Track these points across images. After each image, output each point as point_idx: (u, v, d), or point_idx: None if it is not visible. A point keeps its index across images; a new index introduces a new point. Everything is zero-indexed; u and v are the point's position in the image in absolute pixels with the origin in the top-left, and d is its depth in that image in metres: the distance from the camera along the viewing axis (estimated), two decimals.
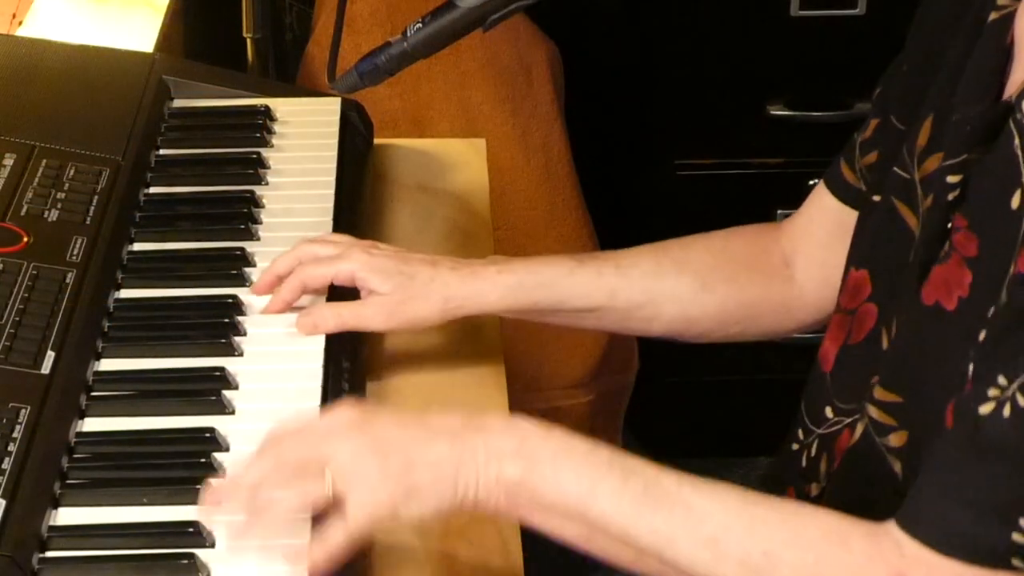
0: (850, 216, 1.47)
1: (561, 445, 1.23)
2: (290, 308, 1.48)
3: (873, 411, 1.31)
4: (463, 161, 1.85)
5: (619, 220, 2.60)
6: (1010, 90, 1.25)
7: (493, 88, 2.44)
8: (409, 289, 1.46)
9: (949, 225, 1.26)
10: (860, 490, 1.33)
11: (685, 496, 1.20)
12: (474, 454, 1.20)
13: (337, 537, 1.19)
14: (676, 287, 1.52)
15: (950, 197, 1.27)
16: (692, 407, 2.87)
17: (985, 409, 1.15)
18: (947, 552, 1.16)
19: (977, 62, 1.28)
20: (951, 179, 1.27)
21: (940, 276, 1.26)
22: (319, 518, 1.22)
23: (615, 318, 1.53)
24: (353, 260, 1.47)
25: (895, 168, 1.36)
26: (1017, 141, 1.20)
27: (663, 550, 1.20)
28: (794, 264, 1.55)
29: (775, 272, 1.55)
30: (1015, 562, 1.15)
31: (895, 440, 1.29)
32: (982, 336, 1.19)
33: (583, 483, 1.20)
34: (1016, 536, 1.14)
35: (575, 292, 1.51)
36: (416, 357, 1.55)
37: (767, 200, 2.56)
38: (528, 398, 2.45)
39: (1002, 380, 1.14)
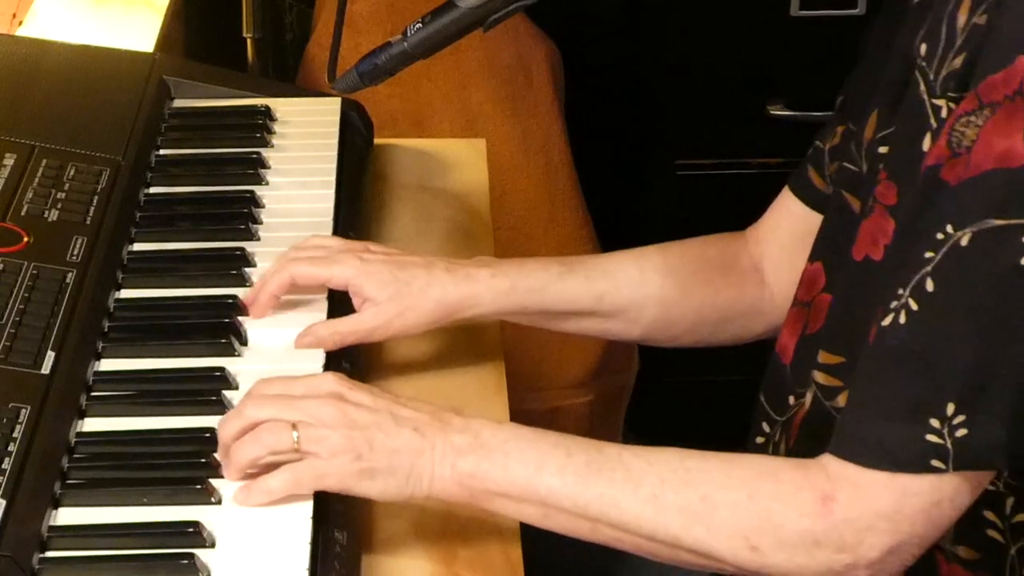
0: (817, 221, 1.50)
1: (510, 434, 1.29)
2: (277, 304, 1.47)
3: (819, 376, 1.36)
4: (463, 161, 1.85)
5: (619, 220, 2.60)
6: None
7: (493, 88, 2.44)
8: (406, 297, 1.46)
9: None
10: (816, 455, 1.35)
11: (624, 460, 1.27)
12: (432, 449, 1.26)
13: (280, 481, 1.25)
14: (658, 292, 1.55)
15: (880, 165, 1.30)
16: (692, 407, 2.87)
17: (886, 321, 1.20)
18: (869, 464, 1.20)
19: (901, 40, 1.32)
20: (881, 150, 1.31)
21: (866, 230, 1.30)
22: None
23: (598, 322, 1.56)
24: (347, 265, 1.47)
25: (844, 163, 1.40)
26: (922, 86, 1.25)
27: (611, 514, 1.26)
28: (763, 268, 1.58)
29: (747, 276, 1.58)
30: (934, 463, 1.19)
31: (843, 400, 1.32)
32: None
33: (530, 465, 1.27)
34: (930, 436, 1.18)
35: (564, 296, 1.52)
36: (416, 357, 1.55)
37: (767, 200, 2.54)
38: (528, 398, 2.45)
39: (900, 291, 1.19)
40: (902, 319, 1.19)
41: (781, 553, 1.23)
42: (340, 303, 1.49)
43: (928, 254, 1.18)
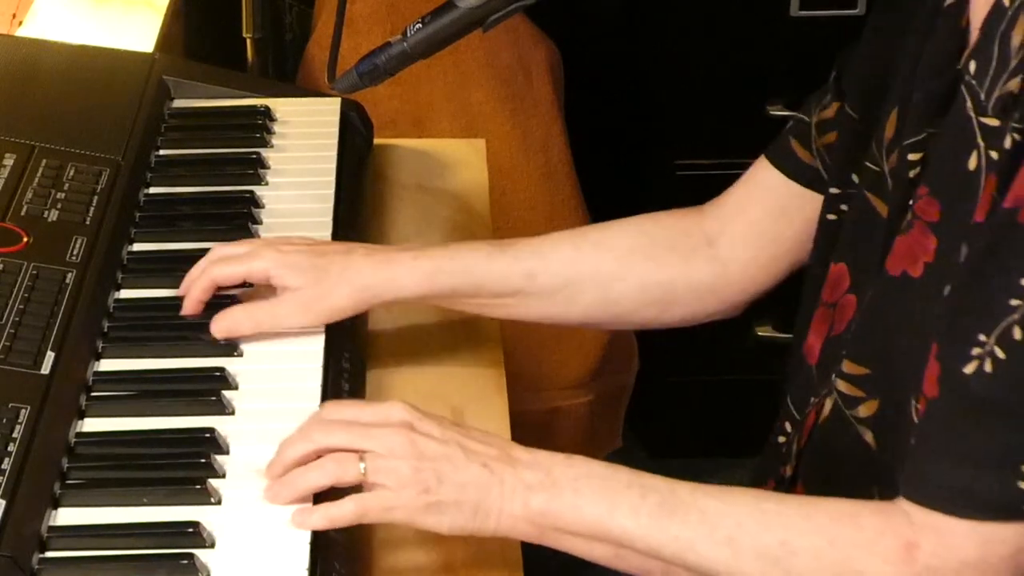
0: (796, 193, 1.49)
1: (581, 471, 1.27)
2: (203, 306, 1.47)
3: (842, 385, 1.34)
4: (463, 161, 1.85)
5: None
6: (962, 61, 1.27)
7: (493, 88, 2.44)
8: (323, 282, 1.45)
9: (911, 202, 1.28)
10: (832, 463, 1.36)
11: (699, 502, 1.25)
12: (501, 485, 1.25)
13: (346, 511, 1.23)
14: (594, 268, 1.53)
15: (912, 174, 1.29)
16: (692, 407, 2.87)
17: (969, 368, 1.18)
18: (955, 512, 1.19)
19: (935, 45, 1.31)
20: (912, 157, 1.30)
21: (904, 245, 1.28)
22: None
23: (534, 303, 1.52)
24: (265, 258, 1.46)
25: (866, 162, 1.39)
26: (969, 103, 1.23)
27: (685, 556, 1.24)
28: (718, 243, 1.55)
29: (696, 252, 1.55)
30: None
31: (864, 410, 1.32)
32: (947, 290, 1.22)
33: (603, 505, 1.25)
34: (1021, 483, 1.16)
35: (493, 277, 1.50)
36: (416, 357, 1.55)
37: None
38: (528, 398, 2.45)
39: (982, 337, 1.17)
40: (988, 367, 1.17)
41: None
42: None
43: (1014, 302, 1.16)
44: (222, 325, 1.44)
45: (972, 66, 1.23)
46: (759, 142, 2.66)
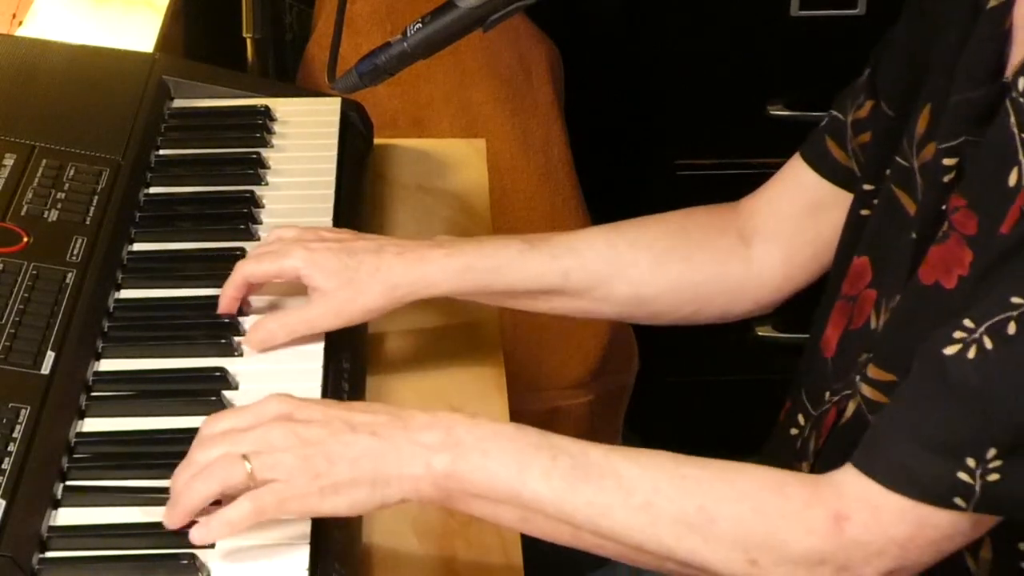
0: (830, 193, 1.48)
1: (488, 431, 1.23)
2: (239, 305, 1.46)
3: (866, 390, 1.33)
4: (463, 161, 1.85)
5: (619, 220, 2.60)
6: (1009, 73, 1.26)
7: (493, 88, 2.44)
8: (355, 283, 1.44)
9: (944, 207, 1.27)
10: None
11: (614, 465, 1.22)
12: (397, 450, 1.21)
13: (242, 511, 1.20)
14: (630, 266, 1.51)
15: (946, 179, 1.28)
16: (692, 407, 2.87)
17: (950, 350, 1.17)
18: (894, 487, 1.18)
19: (975, 47, 1.30)
20: (947, 161, 1.28)
21: (938, 256, 1.27)
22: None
23: (568, 300, 1.51)
24: (295, 257, 1.45)
25: (896, 157, 1.38)
26: (1013, 119, 1.22)
27: (599, 522, 1.22)
28: (752, 243, 1.54)
29: (731, 251, 1.54)
30: (957, 500, 1.17)
31: None
32: None
33: (512, 467, 1.22)
34: (961, 475, 1.17)
35: (527, 274, 1.49)
36: (416, 357, 1.55)
37: None
38: (528, 398, 2.45)
39: (968, 323, 1.17)
40: (971, 353, 1.16)
41: (781, 568, 1.20)
42: None
43: (1016, 300, 1.15)
44: (257, 338, 1.42)
45: (1021, 83, 1.22)
46: (759, 142, 2.66)
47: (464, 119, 2.43)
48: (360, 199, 1.72)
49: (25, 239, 1.47)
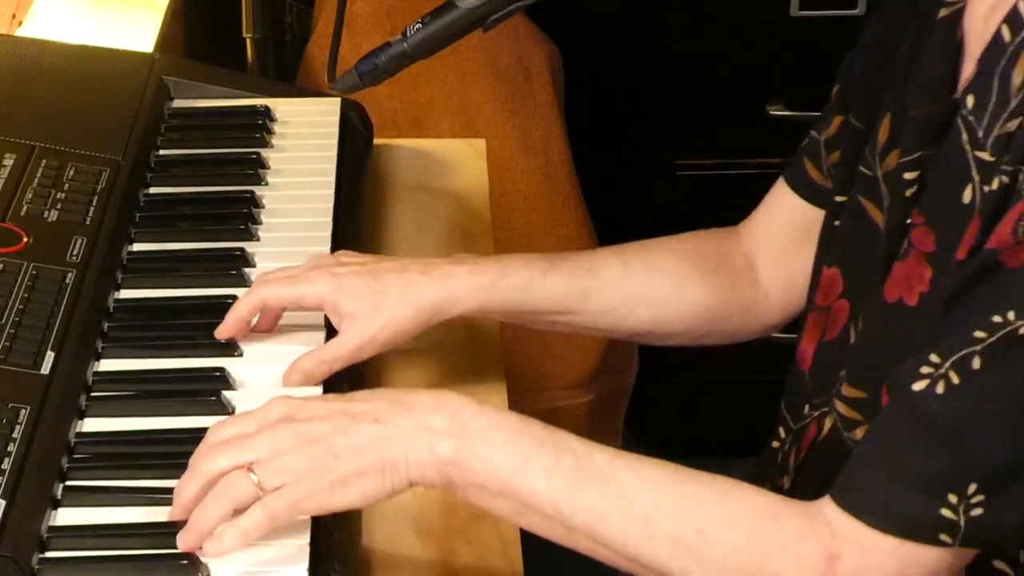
0: (814, 215, 1.48)
1: (493, 420, 1.22)
2: (248, 329, 1.42)
3: (841, 407, 1.33)
4: (463, 161, 1.85)
5: (619, 220, 2.61)
6: (961, 86, 1.26)
7: (493, 88, 2.44)
8: (384, 308, 1.41)
9: (908, 221, 1.28)
10: (828, 481, 1.34)
11: (617, 473, 1.21)
12: (401, 435, 1.20)
13: (256, 519, 1.19)
14: (648, 290, 1.52)
15: (908, 193, 1.29)
16: (692, 407, 2.87)
17: (918, 386, 1.17)
18: (880, 527, 1.18)
19: (928, 59, 1.30)
20: (908, 175, 1.29)
21: (901, 273, 1.27)
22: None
23: (585, 320, 1.51)
24: (319, 283, 1.41)
25: (860, 167, 1.38)
26: (965, 136, 1.22)
27: (595, 528, 1.21)
28: (756, 267, 1.55)
29: (740, 275, 1.55)
30: (943, 536, 1.17)
31: (861, 434, 1.31)
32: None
33: (515, 460, 1.21)
34: (944, 511, 1.16)
35: (548, 295, 1.48)
36: (416, 357, 1.55)
37: None
38: (528, 398, 2.45)
39: (935, 358, 1.16)
40: (939, 389, 1.15)
41: None
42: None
43: (979, 334, 1.14)
44: (294, 379, 1.38)
45: (970, 100, 1.22)
46: (759, 142, 2.67)
47: (464, 119, 2.43)
48: (360, 199, 1.72)
49: (25, 239, 1.47)
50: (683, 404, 2.86)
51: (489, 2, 1.40)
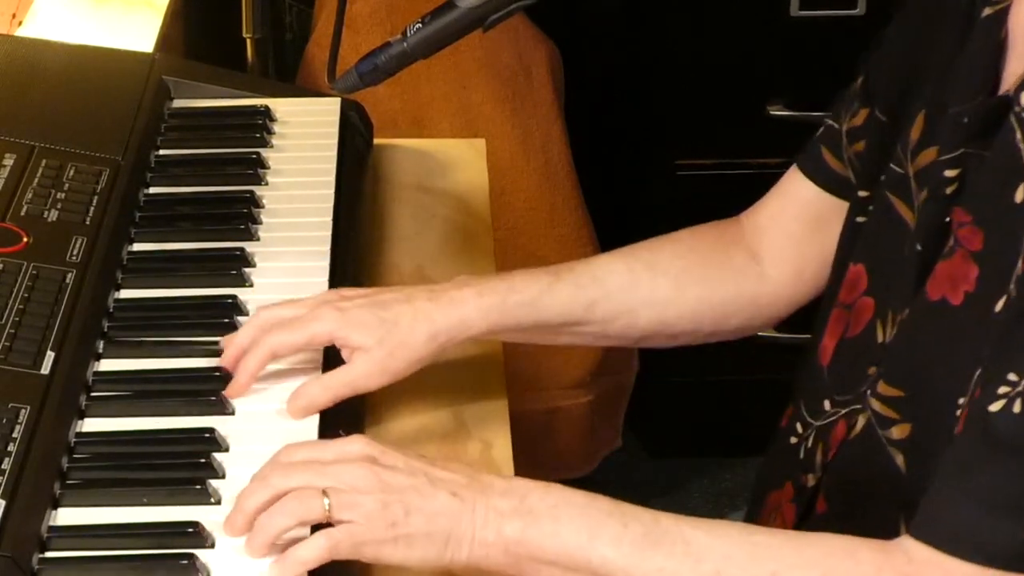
0: (829, 204, 1.48)
1: (560, 499, 1.23)
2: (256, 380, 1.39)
3: (876, 405, 1.32)
4: (463, 161, 1.85)
5: (619, 220, 2.61)
6: (1007, 84, 1.26)
7: (493, 88, 2.44)
8: (395, 336, 1.39)
9: (948, 219, 1.27)
10: (859, 480, 1.33)
11: (685, 533, 1.22)
12: (472, 513, 1.21)
13: (316, 547, 1.19)
14: (651, 292, 1.51)
15: (948, 191, 1.27)
16: (692, 407, 2.87)
17: (995, 407, 1.15)
18: (959, 554, 1.16)
19: (971, 57, 1.29)
20: (948, 173, 1.27)
21: (945, 271, 1.26)
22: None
23: (592, 330, 1.50)
24: (326, 320, 1.39)
25: (891, 164, 1.37)
26: (1018, 135, 1.21)
27: None
28: (762, 260, 1.54)
29: (744, 269, 1.54)
30: None
31: (897, 433, 1.29)
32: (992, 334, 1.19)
33: (583, 533, 1.21)
34: None
35: (556, 308, 1.47)
36: None
37: None
38: (528, 398, 2.45)
39: (1012, 376, 1.15)
40: (1016, 408, 1.14)
41: None
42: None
43: None
44: (299, 405, 1.36)
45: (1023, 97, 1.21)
46: (759, 142, 2.67)
47: (464, 119, 2.43)
48: (360, 199, 1.72)
49: (25, 239, 1.47)
50: (683, 404, 2.86)
51: (489, 2, 1.40)
